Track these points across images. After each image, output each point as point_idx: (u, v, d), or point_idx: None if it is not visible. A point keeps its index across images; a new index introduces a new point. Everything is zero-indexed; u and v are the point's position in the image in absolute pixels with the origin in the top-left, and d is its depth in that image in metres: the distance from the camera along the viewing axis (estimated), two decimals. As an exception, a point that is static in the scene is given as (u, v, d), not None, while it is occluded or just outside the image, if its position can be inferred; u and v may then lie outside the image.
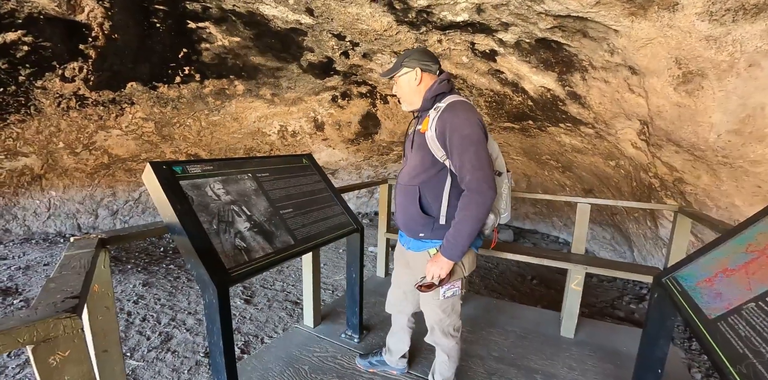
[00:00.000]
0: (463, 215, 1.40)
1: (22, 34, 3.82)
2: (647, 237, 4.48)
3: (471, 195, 1.39)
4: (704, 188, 3.20)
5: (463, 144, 1.39)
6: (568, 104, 3.77)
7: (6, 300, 3.56)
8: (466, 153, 1.38)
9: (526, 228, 7.63)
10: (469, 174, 1.38)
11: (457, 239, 1.41)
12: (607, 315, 3.93)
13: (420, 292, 1.55)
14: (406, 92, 1.58)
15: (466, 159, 1.38)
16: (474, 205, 1.38)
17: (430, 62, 1.55)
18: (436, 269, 1.47)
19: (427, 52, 1.58)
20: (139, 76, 4.61)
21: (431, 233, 1.54)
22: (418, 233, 1.58)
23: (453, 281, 1.56)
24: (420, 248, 1.60)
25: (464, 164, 1.39)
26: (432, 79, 1.56)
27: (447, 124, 1.42)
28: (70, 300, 0.77)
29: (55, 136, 4.94)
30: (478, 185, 1.37)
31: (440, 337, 1.72)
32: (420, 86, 1.55)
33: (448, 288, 1.56)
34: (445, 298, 1.59)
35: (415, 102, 1.58)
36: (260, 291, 4.05)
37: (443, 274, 1.47)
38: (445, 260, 1.45)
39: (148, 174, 1.45)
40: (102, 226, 6.09)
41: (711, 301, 1.06)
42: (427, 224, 1.54)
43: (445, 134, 1.42)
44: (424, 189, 1.53)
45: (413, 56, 1.54)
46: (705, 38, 2.26)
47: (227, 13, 3.83)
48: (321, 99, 5.75)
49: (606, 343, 2.47)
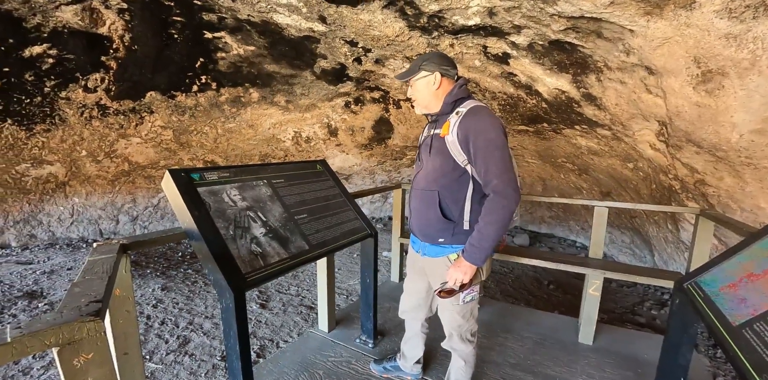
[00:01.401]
0: (488, 219, 1.38)
1: (47, 47, 3.98)
2: (668, 241, 4.37)
3: (497, 199, 1.37)
4: (727, 189, 3.11)
5: (488, 148, 1.38)
6: (583, 106, 3.72)
7: (31, 303, 3.68)
8: (491, 157, 1.38)
9: (543, 232, 7.52)
10: (495, 178, 1.37)
11: (482, 244, 1.39)
12: (627, 321, 3.83)
13: (439, 298, 1.53)
14: (424, 96, 1.57)
15: (492, 163, 1.38)
16: (500, 209, 1.36)
17: (449, 67, 1.54)
18: (459, 274, 1.44)
19: (445, 56, 1.57)
20: (157, 85, 4.75)
21: (452, 239, 1.52)
22: (437, 239, 1.55)
23: (473, 285, 1.53)
24: (439, 253, 1.58)
25: (489, 168, 1.38)
26: (450, 84, 1.56)
27: (470, 128, 1.41)
28: (94, 304, 0.79)
29: (79, 144, 5.10)
30: (504, 188, 1.36)
31: (458, 343, 1.70)
32: (439, 91, 1.54)
33: (468, 292, 1.54)
34: (464, 303, 1.57)
35: (432, 106, 1.58)
36: (275, 295, 4.08)
37: (466, 279, 1.45)
38: (468, 265, 1.43)
39: (167, 181, 1.49)
40: (122, 231, 6.24)
41: (735, 307, 1.03)
42: (447, 229, 1.52)
43: (468, 139, 1.42)
44: (444, 194, 1.51)
45: (432, 60, 1.53)
46: (724, 36, 2.21)
47: (242, 22, 3.92)
48: (334, 105, 5.81)
49: (626, 350, 2.41)
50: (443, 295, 1.48)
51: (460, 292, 1.49)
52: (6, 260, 4.82)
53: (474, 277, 1.48)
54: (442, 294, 1.48)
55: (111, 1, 3.70)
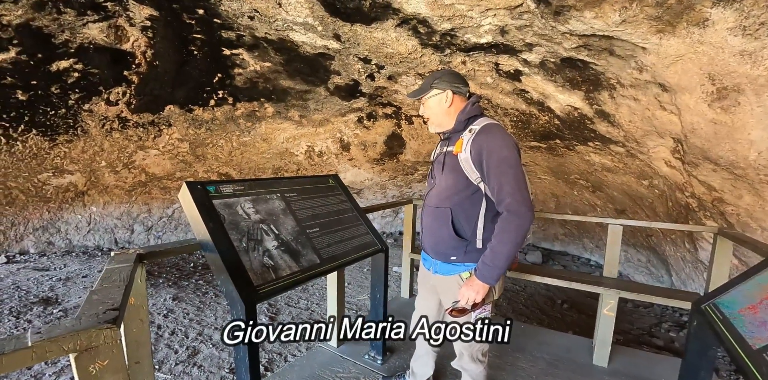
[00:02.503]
0: (501, 238, 1.36)
1: (73, 62, 4.16)
2: (686, 260, 4.26)
3: (511, 218, 1.35)
4: (746, 208, 3.04)
5: (501, 166, 1.37)
6: (596, 123, 3.72)
7: (47, 309, 3.73)
8: (504, 176, 1.37)
9: (556, 250, 7.39)
10: (509, 197, 1.36)
11: (495, 263, 1.37)
12: (644, 343, 3.71)
13: (451, 316, 1.50)
14: (436, 114, 1.58)
15: (505, 181, 1.37)
16: (514, 228, 1.35)
17: (460, 84, 1.55)
18: (471, 293, 1.42)
19: (456, 74, 1.58)
20: (176, 99, 4.89)
21: (464, 257, 1.51)
22: (449, 257, 1.54)
23: (485, 304, 1.51)
24: (450, 272, 1.56)
25: (503, 187, 1.37)
26: (463, 102, 1.56)
27: (484, 146, 1.41)
28: (111, 312, 0.81)
29: (99, 155, 5.26)
30: (518, 207, 1.34)
31: (468, 362, 1.67)
32: (451, 108, 1.55)
33: (480, 311, 1.51)
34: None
35: (445, 124, 1.58)
36: (285, 308, 4.07)
37: (478, 298, 1.42)
38: (481, 284, 1.41)
39: (184, 193, 1.53)
40: (137, 241, 6.34)
41: (755, 330, 1.00)
42: (459, 247, 1.50)
43: (481, 156, 1.41)
44: (457, 211, 1.50)
45: (444, 78, 1.54)
46: (739, 53, 2.21)
47: (259, 40, 4.05)
48: (347, 120, 5.90)
49: (643, 373, 2.33)
50: (455, 314, 1.46)
51: (471, 311, 1.47)
52: (24, 266, 4.92)
53: (486, 296, 1.46)
54: (453, 313, 1.46)
55: (135, 19, 3.87)
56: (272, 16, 3.45)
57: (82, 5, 3.59)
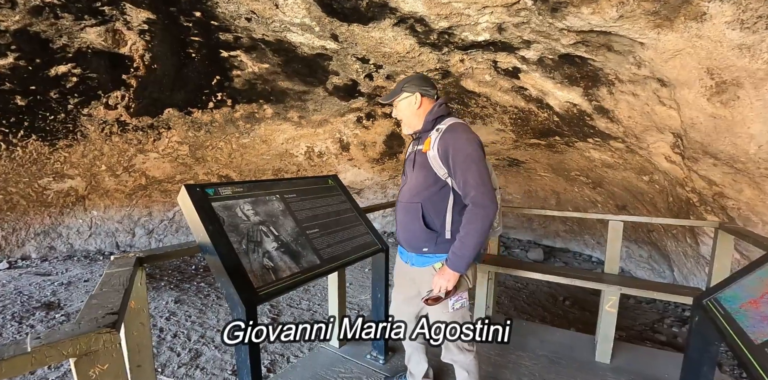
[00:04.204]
0: (468, 229, 1.46)
1: (71, 66, 4.16)
2: (688, 255, 4.25)
3: (476, 210, 1.46)
4: (747, 202, 3.03)
5: (466, 162, 1.47)
6: (595, 119, 3.71)
7: (49, 314, 3.74)
8: (469, 171, 1.47)
9: (557, 247, 7.38)
10: (473, 190, 1.45)
11: (463, 252, 1.47)
12: (647, 338, 3.70)
13: (427, 306, 1.58)
14: (407, 115, 1.68)
15: (470, 176, 1.46)
16: (479, 219, 1.45)
17: (428, 87, 1.65)
18: (443, 281, 1.51)
19: (425, 78, 1.68)
20: (175, 102, 4.89)
21: (435, 248, 1.60)
22: (421, 248, 1.63)
23: (460, 292, 1.59)
24: (424, 263, 1.65)
25: (468, 181, 1.47)
26: (431, 103, 1.66)
27: (449, 144, 1.51)
28: (110, 316, 0.81)
29: (99, 159, 5.26)
30: (482, 199, 1.44)
31: (456, 353, 1.70)
32: (420, 110, 1.65)
33: (456, 299, 1.59)
34: (454, 310, 1.61)
35: (415, 124, 1.68)
36: (287, 309, 4.07)
37: (450, 286, 1.52)
38: (452, 273, 1.50)
39: (183, 196, 1.53)
40: (138, 244, 6.35)
41: (757, 325, 1.00)
42: (430, 239, 1.60)
43: (447, 153, 1.51)
44: (427, 206, 1.60)
45: (413, 82, 1.65)
46: (737, 47, 2.20)
47: (257, 41, 4.04)
48: (346, 120, 5.89)
49: (645, 369, 2.32)
50: (430, 302, 1.55)
51: (446, 299, 1.55)
52: (26, 272, 4.93)
53: (460, 284, 1.56)
54: (429, 302, 1.55)
55: (133, 23, 3.87)
56: (269, 18, 3.45)
57: (80, 10, 3.59)
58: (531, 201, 7.27)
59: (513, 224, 7.82)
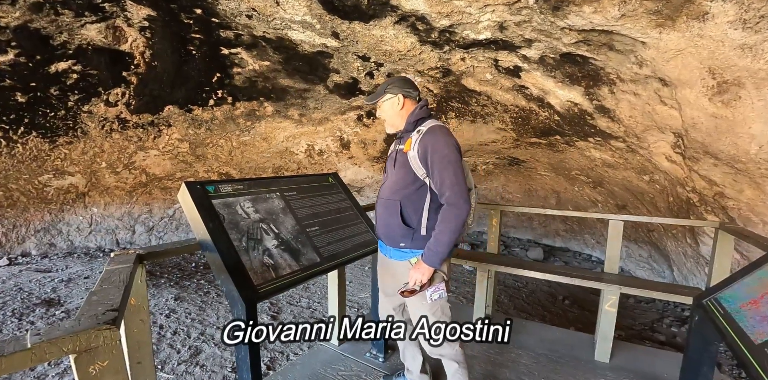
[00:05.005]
0: (443, 227, 1.53)
1: (72, 63, 4.15)
2: (687, 255, 4.25)
3: (450, 209, 1.53)
4: (748, 202, 3.03)
5: (442, 163, 1.54)
6: (596, 118, 3.70)
7: (49, 310, 3.75)
8: (445, 171, 1.53)
9: (557, 246, 7.39)
10: (448, 190, 1.52)
11: (438, 248, 1.54)
12: (646, 338, 3.71)
13: (403, 297, 1.64)
14: (390, 116, 1.74)
15: (446, 176, 1.53)
16: (453, 217, 1.52)
17: (411, 89, 1.71)
18: (418, 275, 1.58)
19: (408, 80, 1.74)
20: (176, 100, 4.89)
21: (411, 243, 1.66)
22: (398, 243, 1.69)
23: (436, 284, 1.65)
24: (401, 258, 1.72)
25: (444, 181, 1.53)
26: (413, 105, 1.73)
27: (428, 145, 1.57)
28: (110, 313, 0.81)
29: (99, 156, 5.26)
30: (456, 199, 1.51)
31: (441, 347, 1.70)
32: (402, 111, 1.71)
33: (434, 290, 1.65)
34: (432, 301, 1.66)
35: (397, 124, 1.74)
36: (287, 307, 4.08)
37: (425, 280, 1.58)
38: (426, 267, 1.57)
39: (183, 193, 1.53)
40: (138, 241, 6.35)
41: (757, 325, 1.00)
42: (407, 234, 1.66)
43: (426, 154, 1.57)
44: (405, 203, 1.66)
45: (396, 84, 1.71)
46: (739, 46, 2.19)
47: (258, 39, 4.03)
48: (347, 118, 5.88)
49: (644, 368, 2.33)
50: (406, 295, 1.62)
51: (421, 291, 1.63)
52: (26, 268, 4.94)
53: (435, 277, 1.64)
54: (405, 294, 1.62)
55: (133, 20, 3.86)
56: (270, 15, 3.44)
57: (80, 6, 3.58)
58: (531, 200, 7.27)
59: (513, 223, 7.83)
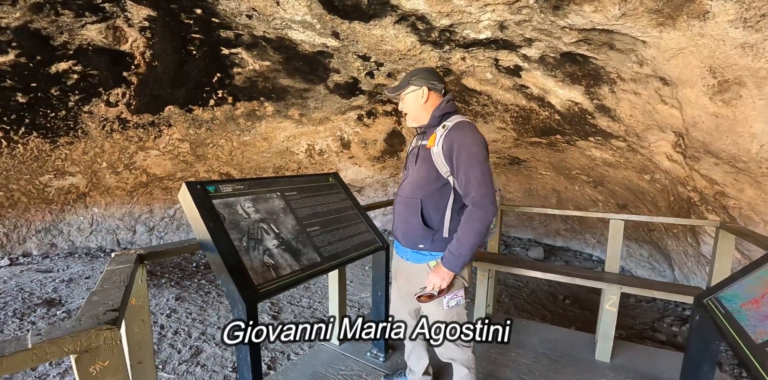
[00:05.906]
0: (467, 229, 1.45)
1: (72, 63, 4.16)
2: (688, 255, 4.24)
3: (475, 210, 1.44)
4: (749, 201, 3.02)
5: (470, 161, 1.46)
6: (597, 118, 3.70)
7: (50, 310, 3.75)
8: (472, 170, 1.45)
9: (558, 245, 7.38)
10: (474, 190, 1.44)
11: (460, 252, 1.46)
12: (647, 337, 3.70)
13: (420, 302, 1.57)
14: (413, 109, 1.66)
15: (472, 176, 1.45)
16: (478, 220, 1.44)
17: (436, 81, 1.62)
18: (437, 279, 1.50)
19: (433, 71, 1.65)
20: (176, 100, 4.89)
21: (431, 245, 1.59)
22: (417, 245, 1.62)
23: (455, 290, 1.58)
24: (420, 260, 1.64)
25: (470, 181, 1.45)
26: (438, 98, 1.64)
27: (455, 142, 1.49)
28: (111, 313, 0.81)
29: (99, 156, 5.26)
30: (482, 200, 1.43)
31: (453, 350, 1.68)
32: (427, 104, 1.62)
33: (452, 297, 1.58)
34: (449, 308, 1.60)
35: (421, 118, 1.66)
36: (287, 307, 4.08)
37: (444, 285, 1.50)
38: (447, 272, 1.49)
39: (184, 193, 1.53)
40: (139, 242, 6.36)
41: (758, 324, 1.00)
42: (427, 235, 1.59)
43: (452, 151, 1.49)
44: (426, 202, 1.58)
45: (420, 75, 1.62)
46: (740, 45, 2.19)
47: (258, 39, 4.03)
48: (347, 118, 5.89)
49: (645, 368, 2.33)
50: (423, 300, 1.54)
51: (439, 297, 1.55)
52: (27, 268, 4.95)
53: (454, 283, 1.55)
54: (422, 299, 1.54)
55: (133, 20, 3.86)
56: (270, 15, 3.44)
57: (80, 7, 3.59)
58: (532, 200, 7.27)
59: (513, 222, 7.82)
